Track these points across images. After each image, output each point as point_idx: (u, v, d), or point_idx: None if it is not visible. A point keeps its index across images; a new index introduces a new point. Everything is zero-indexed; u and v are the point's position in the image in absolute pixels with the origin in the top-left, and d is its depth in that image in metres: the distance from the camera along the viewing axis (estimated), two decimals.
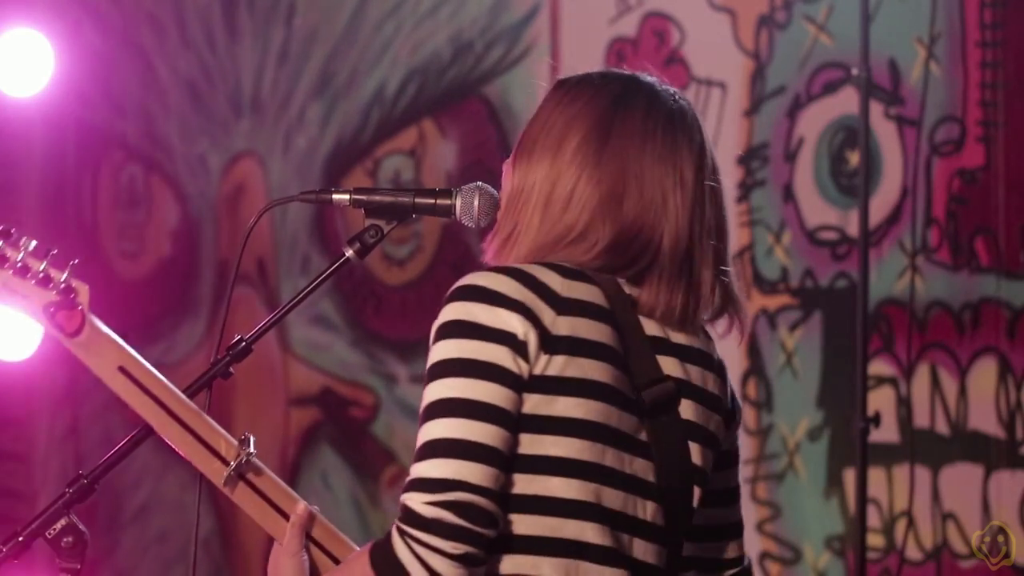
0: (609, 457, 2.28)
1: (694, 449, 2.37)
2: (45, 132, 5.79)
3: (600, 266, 2.34)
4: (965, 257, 4.38)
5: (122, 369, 2.48)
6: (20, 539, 2.43)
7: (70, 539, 2.44)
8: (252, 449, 2.47)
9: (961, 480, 4.37)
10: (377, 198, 2.55)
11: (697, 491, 2.37)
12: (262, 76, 5.66)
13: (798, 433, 4.62)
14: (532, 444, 2.25)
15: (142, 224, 5.91)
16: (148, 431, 2.53)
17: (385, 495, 5.39)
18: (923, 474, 4.40)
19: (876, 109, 4.43)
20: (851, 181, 4.53)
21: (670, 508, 2.34)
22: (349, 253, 2.54)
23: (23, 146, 5.78)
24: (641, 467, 2.31)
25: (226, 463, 2.49)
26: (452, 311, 2.26)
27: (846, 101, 4.53)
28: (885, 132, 4.49)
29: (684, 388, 2.37)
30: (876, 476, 4.39)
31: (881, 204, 4.47)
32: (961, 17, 4.39)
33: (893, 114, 4.49)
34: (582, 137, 2.37)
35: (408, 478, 2.23)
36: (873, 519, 4.42)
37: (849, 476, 4.49)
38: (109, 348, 2.48)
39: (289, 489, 2.51)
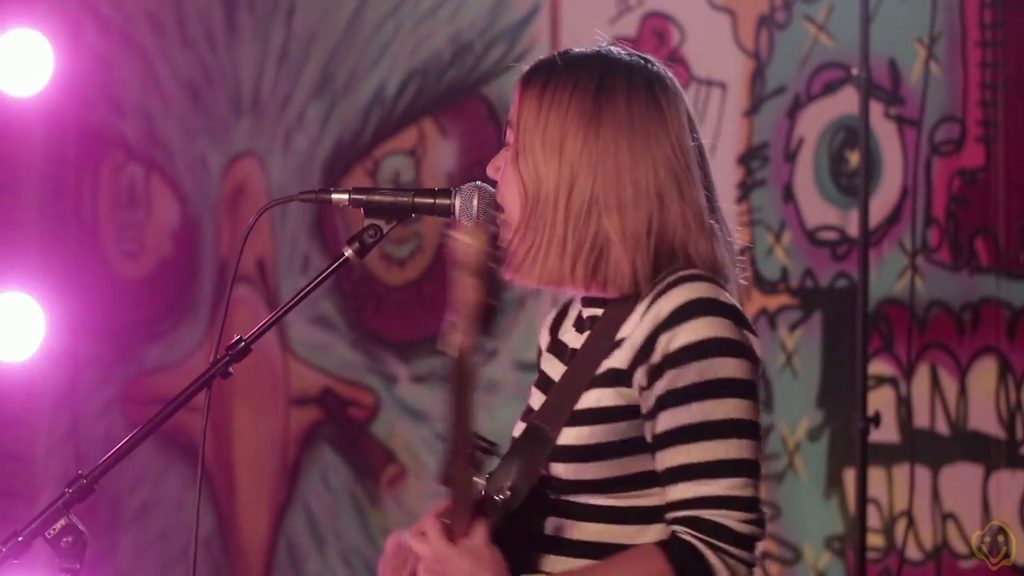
0: None
1: None
2: (45, 132, 5.79)
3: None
4: (965, 257, 4.38)
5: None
6: (20, 539, 2.43)
7: (70, 539, 2.44)
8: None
9: (961, 480, 4.37)
10: (376, 198, 2.55)
11: None
12: (262, 76, 5.66)
13: (798, 433, 4.62)
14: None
15: (142, 224, 5.91)
16: (148, 431, 2.52)
17: (385, 495, 5.39)
18: (923, 474, 4.40)
19: (876, 109, 4.43)
20: (851, 181, 4.53)
21: None
22: (349, 253, 2.54)
23: (23, 146, 5.78)
24: None
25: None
26: (709, 327, 2.34)
27: (846, 101, 4.53)
28: (885, 132, 4.49)
29: None
30: (876, 476, 4.39)
31: (881, 204, 4.47)
32: (961, 17, 4.39)
33: (893, 114, 4.49)
34: (580, 136, 2.39)
35: (702, 494, 2.31)
36: (873, 519, 4.42)
37: (849, 476, 4.49)
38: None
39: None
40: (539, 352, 2.67)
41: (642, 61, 2.47)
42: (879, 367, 4.46)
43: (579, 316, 2.56)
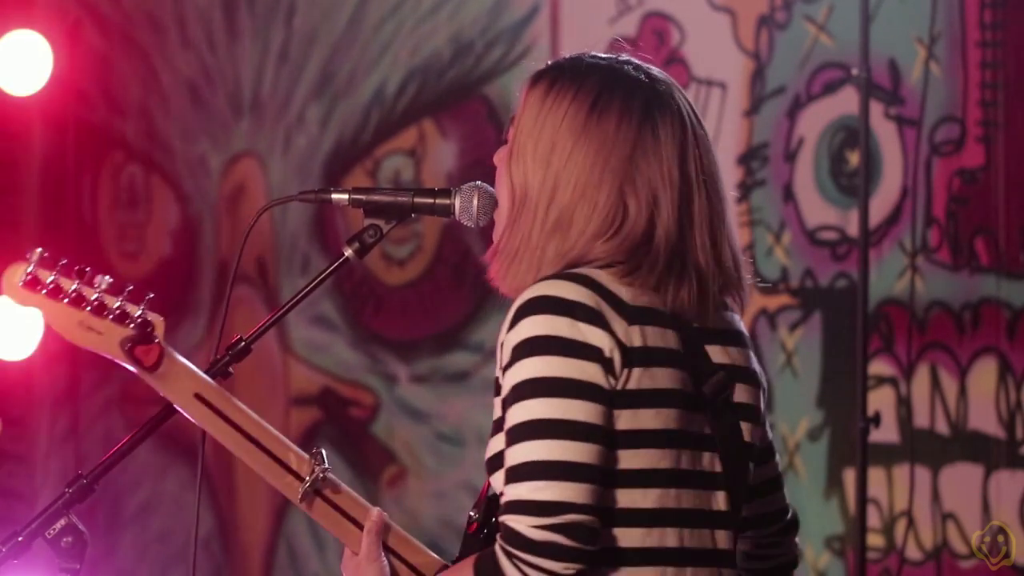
0: (684, 460, 2.33)
1: (745, 429, 2.41)
2: (45, 132, 5.79)
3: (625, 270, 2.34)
4: (965, 257, 4.38)
5: (198, 396, 2.47)
6: (20, 539, 2.43)
7: (70, 539, 2.43)
8: (326, 464, 2.46)
9: (961, 480, 4.37)
10: (376, 198, 2.55)
11: (751, 467, 2.43)
12: (262, 76, 5.66)
13: (798, 433, 4.62)
14: (617, 458, 2.28)
15: (142, 224, 5.91)
16: (148, 431, 2.52)
17: (385, 495, 5.39)
18: (923, 474, 4.40)
19: (876, 109, 4.43)
20: (851, 181, 4.53)
21: (734, 491, 2.39)
22: (348, 253, 2.54)
23: (23, 146, 5.78)
24: (709, 460, 2.36)
25: (300, 479, 2.47)
26: (532, 326, 2.26)
27: (846, 101, 4.53)
28: (885, 132, 4.49)
29: (734, 373, 2.41)
30: (876, 476, 4.39)
31: (881, 204, 4.47)
32: (961, 17, 4.39)
33: (893, 114, 4.49)
34: (568, 145, 2.36)
35: (506, 499, 2.24)
36: (873, 519, 4.42)
37: (849, 476, 4.49)
38: (186, 377, 2.47)
39: (360, 498, 2.50)
40: None
41: (647, 80, 2.41)
42: (879, 367, 4.45)
43: None
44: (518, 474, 2.23)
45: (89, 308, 2.45)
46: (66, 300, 2.47)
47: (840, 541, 4.54)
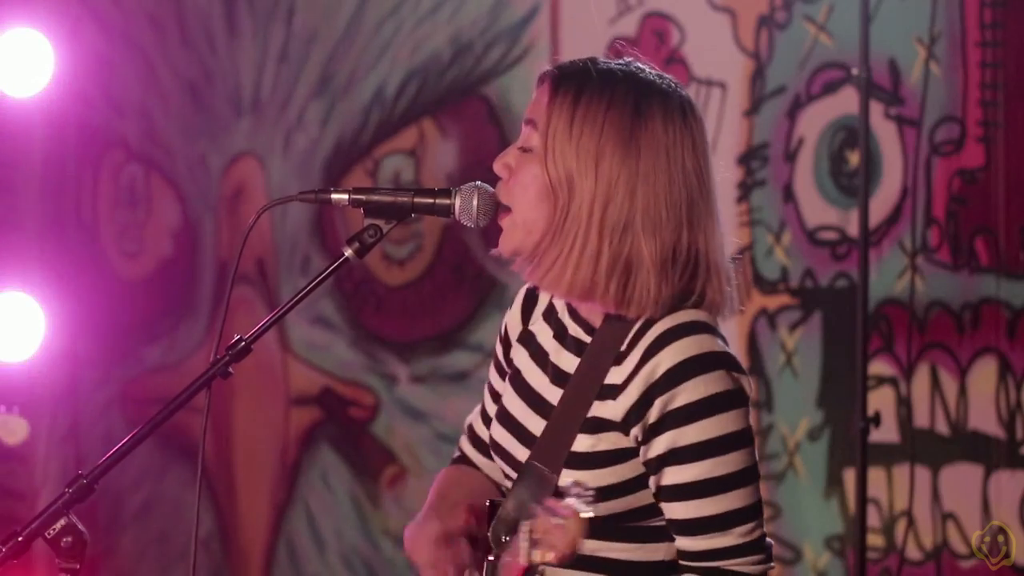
0: None
1: None
2: (45, 132, 5.79)
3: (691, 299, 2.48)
4: (965, 257, 4.38)
5: None
6: (20, 539, 2.43)
7: (69, 539, 2.43)
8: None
9: (961, 480, 4.37)
10: (376, 198, 2.55)
11: None
12: (262, 76, 5.66)
13: (798, 433, 4.62)
14: None
15: (142, 224, 5.91)
16: (148, 431, 2.52)
17: (385, 495, 5.39)
18: (923, 474, 4.40)
19: (876, 109, 4.43)
20: (851, 181, 4.53)
21: None
22: (348, 253, 2.54)
23: (23, 146, 5.78)
24: None
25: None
26: (706, 384, 2.41)
27: (846, 101, 4.53)
28: (885, 132, 4.49)
29: None
30: (876, 476, 4.39)
31: (881, 204, 4.47)
32: (961, 17, 4.39)
33: (893, 114, 4.49)
34: (618, 152, 2.41)
35: (719, 547, 2.43)
36: (873, 519, 4.42)
37: (849, 476, 4.49)
38: None
39: None
40: (506, 335, 2.69)
41: (672, 85, 2.51)
42: (879, 367, 4.46)
43: (561, 326, 2.58)
44: (725, 523, 2.43)
45: None
46: None
47: (840, 541, 4.54)
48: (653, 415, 2.39)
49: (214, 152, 5.75)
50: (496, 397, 2.69)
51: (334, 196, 2.56)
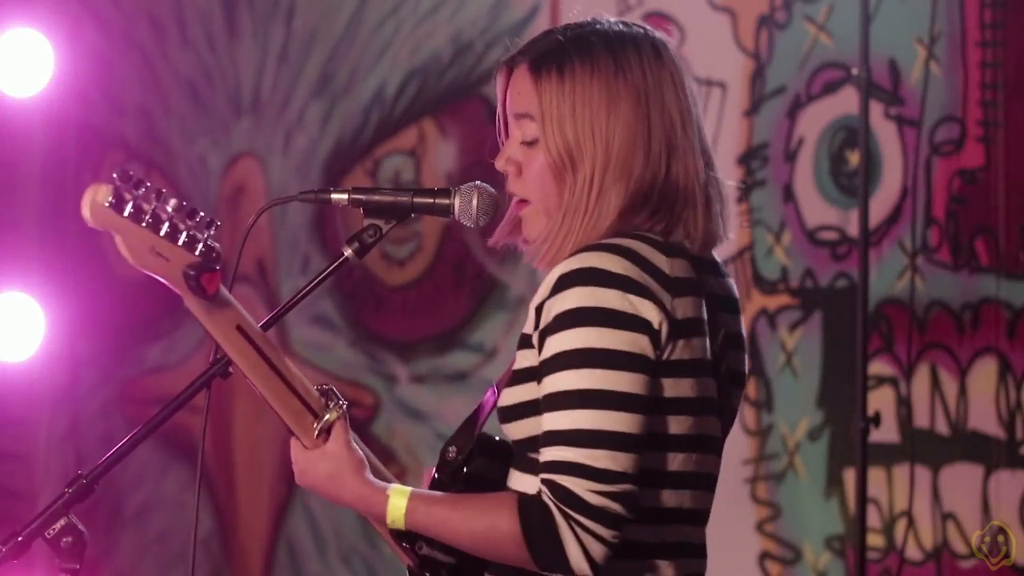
0: (711, 426, 2.44)
1: (735, 395, 2.54)
2: (45, 132, 5.79)
3: (655, 228, 2.43)
4: (965, 257, 4.38)
5: (239, 328, 2.43)
6: (20, 539, 2.42)
7: (69, 539, 2.43)
8: (343, 402, 2.47)
9: (961, 480, 4.37)
10: (376, 198, 2.56)
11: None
12: (262, 76, 5.66)
13: (798, 433, 4.62)
14: (657, 424, 2.37)
15: None
16: (148, 431, 2.52)
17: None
18: (923, 474, 4.40)
19: (876, 109, 4.43)
20: (851, 181, 4.53)
21: (720, 455, 2.51)
22: (348, 253, 2.55)
23: (23, 146, 5.78)
24: (714, 425, 2.47)
25: (317, 417, 2.49)
26: (582, 296, 2.34)
27: (846, 101, 4.53)
28: (885, 132, 4.49)
29: (733, 340, 2.51)
30: (876, 476, 4.39)
31: (881, 204, 4.47)
32: (961, 17, 4.39)
33: (893, 114, 4.49)
34: (609, 112, 2.42)
35: (556, 459, 2.31)
36: (873, 519, 4.42)
37: (849, 476, 4.49)
38: (232, 307, 2.43)
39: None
40: None
41: (642, 30, 2.52)
42: (879, 367, 4.45)
43: None
44: (572, 439, 2.31)
45: (164, 233, 2.36)
46: (145, 224, 2.36)
47: (840, 541, 4.54)
48: (542, 322, 2.37)
49: (214, 152, 5.75)
50: None
51: (334, 196, 2.56)
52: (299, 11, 5.57)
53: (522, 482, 2.43)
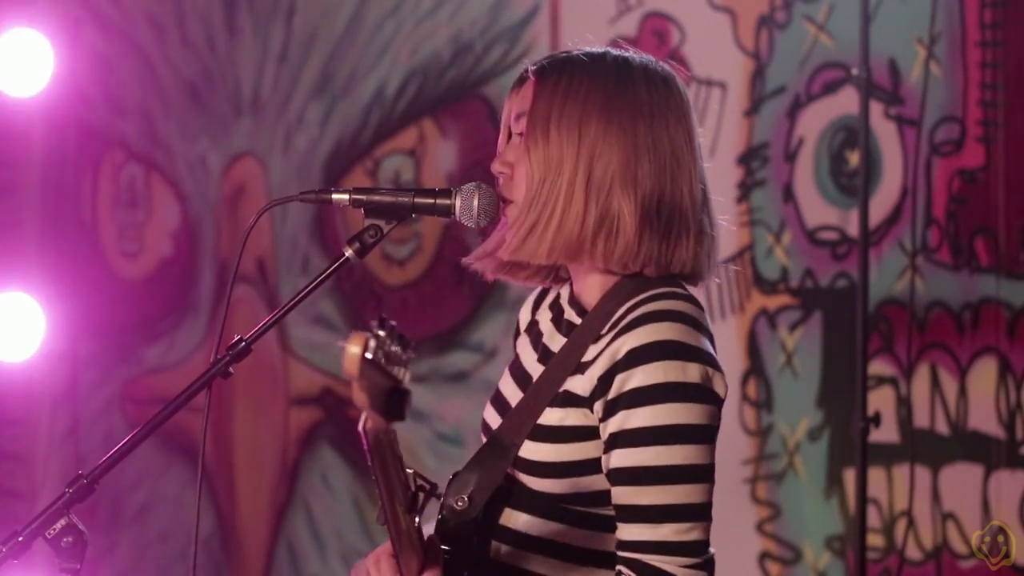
0: None
1: None
2: (45, 132, 5.79)
3: (674, 267, 2.46)
4: (965, 257, 4.38)
5: (391, 444, 2.49)
6: (20, 539, 2.43)
7: (70, 539, 2.43)
8: (437, 492, 2.48)
9: (961, 480, 4.37)
10: (376, 198, 2.56)
11: None
12: (262, 76, 5.66)
13: (798, 433, 4.62)
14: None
15: (142, 224, 5.91)
16: (148, 431, 2.52)
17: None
18: (923, 474, 4.40)
19: (876, 109, 4.43)
20: (851, 181, 4.53)
21: None
22: (348, 253, 2.55)
23: (23, 146, 5.78)
24: None
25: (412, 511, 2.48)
26: (666, 371, 2.36)
27: (846, 101, 4.53)
28: (885, 132, 4.49)
29: None
30: (876, 476, 4.39)
31: (881, 204, 4.47)
32: (961, 17, 4.39)
33: (893, 114, 4.49)
34: (601, 116, 2.42)
35: (647, 539, 2.35)
36: (873, 519, 4.42)
37: (849, 476, 4.49)
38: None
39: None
40: (517, 329, 2.71)
41: (654, 60, 2.53)
42: (879, 367, 4.46)
43: (560, 309, 2.59)
44: (659, 516, 2.34)
45: (391, 369, 2.27)
46: (386, 369, 2.27)
47: (840, 541, 4.54)
48: (612, 392, 2.37)
49: (214, 152, 5.75)
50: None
51: (334, 196, 2.56)
52: (299, 11, 5.57)
53: (569, 536, 2.44)
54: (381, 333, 2.21)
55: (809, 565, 4.59)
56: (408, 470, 2.45)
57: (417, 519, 2.41)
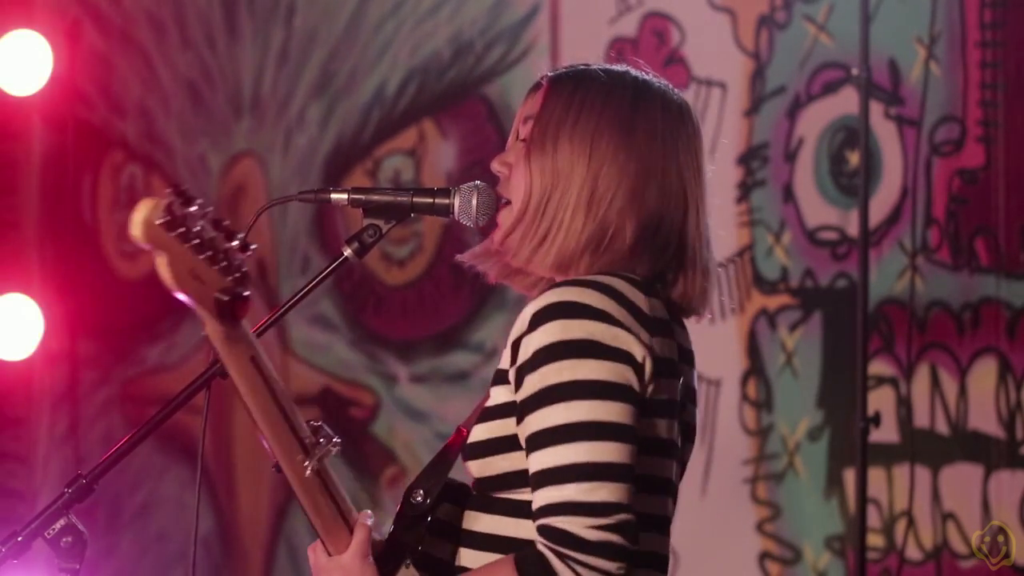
0: (670, 469, 2.41)
1: (687, 448, 2.50)
2: (45, 132, 5.79)
3: (640, 270, 2.41)
4: (965, 257, 4.38)
5: (253, 359, 2.34)
6: (20, 539, 2.43)
7: (69, 539, 2.43)
8: (334, 439, 2.41)
9: (961, 480, 4.37)
10: (376, 198, 2.56)
11: None
12: (262, 76, 5.66)
13: (798, 433, 4.62)
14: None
15: None
16: (148, 431, 2.52)
17: (385, 495, 5.39)
18: (923, 474, 4.40)
19: (876, 109, 4.43)
20: (851, 181, 4.53)
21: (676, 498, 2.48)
22: (348, 253, 2.55)
23: (22, 146, 5.78)
24: (670, 467, 2.43)
25: (307, 455, 2.42)
26: (563, 329, 2.30)
27: (846, 101, 4.53)
28: (885, 132, 4.49)
29: (689, 393, 2.48)
30: (876, 476, 4.39)
31: (881, 204, 4.47)
32: (961, 17, 4.39)
33: (893, 114, 4.49)
34: (615, 134, 2.40)
35: (553, 501, 2.26)
36: (873, 519, 4.42)
37: (849, 476, 4.49)
38: (248, 338, 2.31)
39: (347, 497, 2.49)
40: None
41: (670, 86, 2.51)
42: (879, 367, 4.45)
43: None
44: (561, 476, 2.26)
45: (205, 256, 2.16)
46: (191, 245, 2.14)
47: (840, 541, 4.54)
48: (520, 358, 2.33)
49: (214, 152, 5.75)
50: None
51: (334, 196, 2.56)
52: (299, 11, 5.57)
53: (479, 522, 2.40)
54: (187, 207, 2.11)
55: (809, 565, 4.59)
56: (314, 423, 2.40)
57: (310, 465, 2.37)
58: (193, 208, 2.16)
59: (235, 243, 2.20)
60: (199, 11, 5.76)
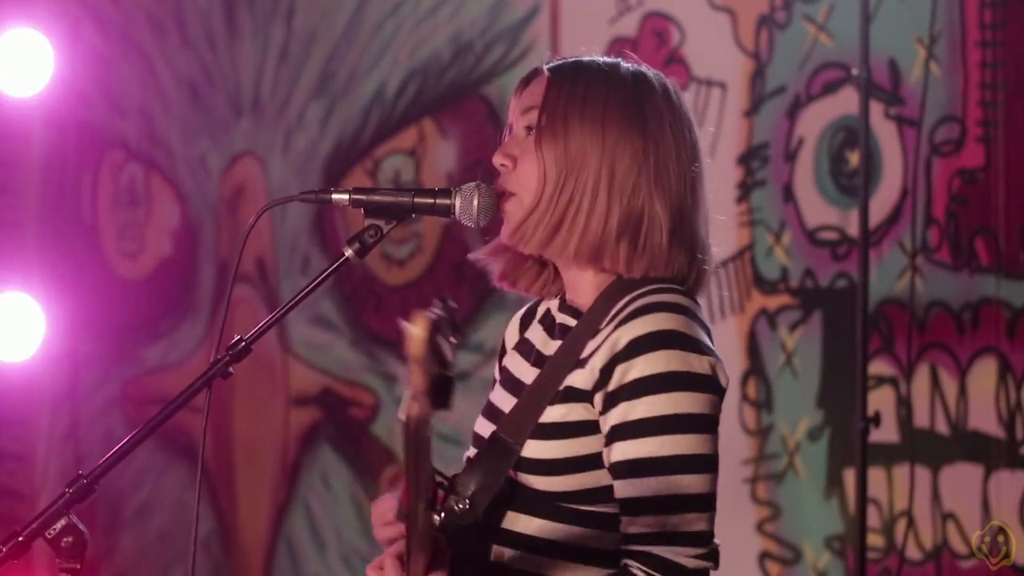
0: None
1: None
2: (45, 132, 5.79)
3: (677, 270, 2.46)
4: (965, 257, 4.38)
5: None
6: (20, 539, 2.43)
7: (70, 539, 2.43)
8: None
9: (961, 480, 4.37)
10: (376, 198, 2.55)
11: None
12: (262, 76, 5.66)
13: (798, 433, 4.62)
14: None
15: (142, 224, 5.91)
16: (148, 431, 2.52)
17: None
18: (923, 474, 4.40)
19: (876, 109, 4.43)
20: (851, 181, 4.53)
21: None
22: (348, 253, 2.55)
23: (23, 146, 5.78)
24: None
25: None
26: (668, 360, 2.35)
27: (846, 101, 4.53)
28: (885, 132, 4.49)
29: None
30: (876, 476, 4.39)
31: (881, 204, 4.47)
32: (961, 17, 4.39)
33: (893, 114, 4.49)
34: (625, 117, 2.42)
35: (652, 531, 2.33)
36: (873, 519, 4.42)
37: (849, 476, 4.49)
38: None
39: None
40: (503, 349, 2.69)
41: (662, 76, 2.53)
42: (879, 367, 4.46)
43: (551, 319, 2.58)
44: (665, 506, 2.33)
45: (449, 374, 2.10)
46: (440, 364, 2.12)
47: (840, 541, 4.54)
48: (612, 383, 2.36)
49: (214, 152, 5.75)
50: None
51: (334, 196, 2.56)
52: (299, 11, 5.57)
53: (555, 532, 2.42)
54: (443, 315, 2.17)
55: (809, 565, 4.59)
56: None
57: (436, 518, 2.36)
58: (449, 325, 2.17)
59: (453, 330, 2.21)
60: (199, 11, 5.76)
